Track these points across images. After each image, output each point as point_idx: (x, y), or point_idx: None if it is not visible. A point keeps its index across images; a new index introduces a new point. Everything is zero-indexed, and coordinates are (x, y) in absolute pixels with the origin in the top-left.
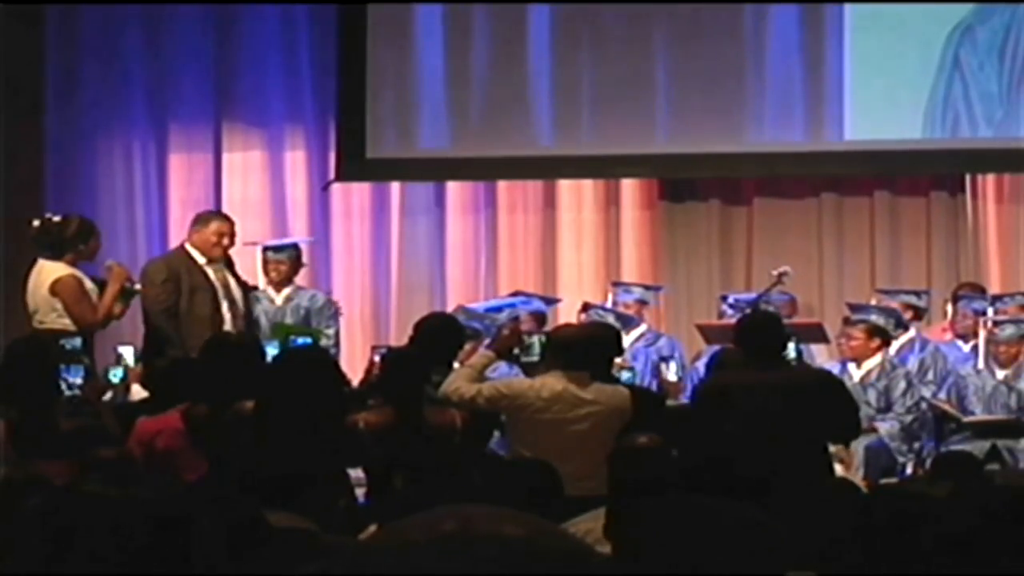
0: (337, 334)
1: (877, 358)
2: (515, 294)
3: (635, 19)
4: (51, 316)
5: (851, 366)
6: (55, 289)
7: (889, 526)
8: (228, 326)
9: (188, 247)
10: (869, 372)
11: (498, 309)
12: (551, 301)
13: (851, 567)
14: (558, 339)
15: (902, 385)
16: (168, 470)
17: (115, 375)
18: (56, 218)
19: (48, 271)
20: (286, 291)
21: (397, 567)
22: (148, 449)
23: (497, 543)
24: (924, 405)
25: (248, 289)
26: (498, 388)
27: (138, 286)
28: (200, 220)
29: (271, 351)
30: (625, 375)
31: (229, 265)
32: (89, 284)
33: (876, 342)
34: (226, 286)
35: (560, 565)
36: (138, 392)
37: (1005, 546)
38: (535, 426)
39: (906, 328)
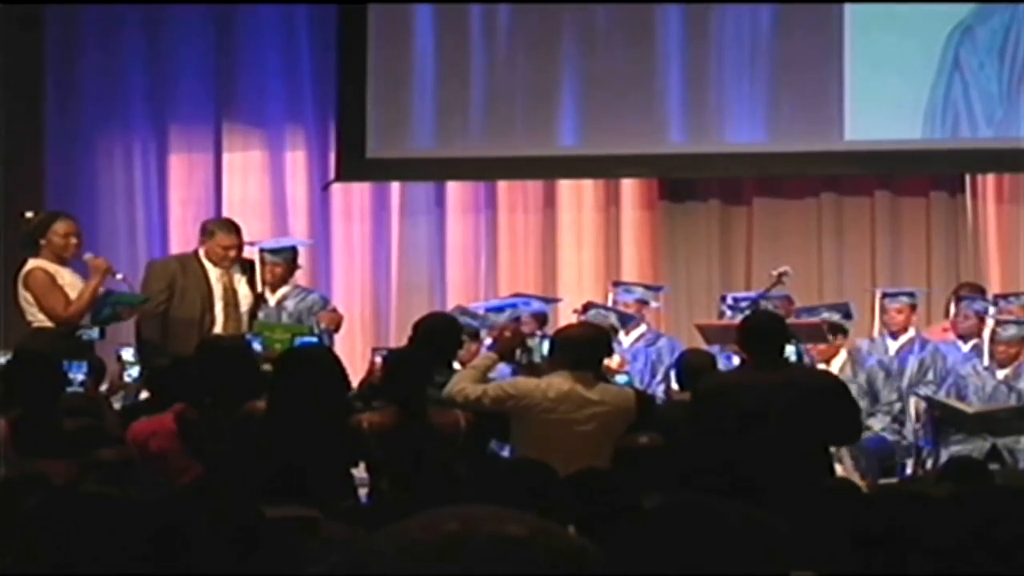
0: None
1: (843, 354)
2: (515, 296)
3: (636, 18)
4: (31, 311)
5: (821, 367)
6: (25, 283)
7: (889, 527)
8: (219, 328)
9: (200, 252)
10: (841, 369)
11: (498, 310)
12: (551, 301)
13: (851, 567)
14: (564, 339)
15: (882, 375)
16: (162, 472)
17: (129, 375)
18: (28, 215)
19: (24, 268)
20: (280, 292)
21: (399, 568)
22: (142, 451)
23: (500, 543)
24: (904, 392)
25: (260, 297)
26: (504, 388)
27: (121, 278)
28: (206, 232)
29: (255, 346)
30: (621, 379)
31: (249, 269)
32: (69, 278)
33: (839, 338)
34: (230, 290)
35: (563, 565)
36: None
37: (1005, 547)
38: (541, 426)
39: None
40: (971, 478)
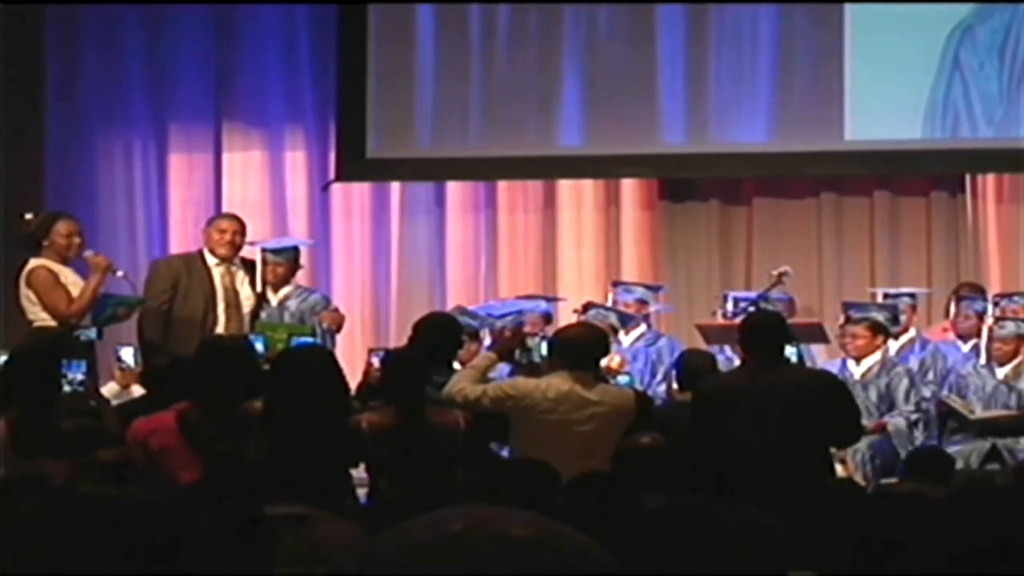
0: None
1: (877, 355)
2: (524, 297)
3: (636, 18)
4: (33, 310)
5: (851, 363)
6: (28, 282)
7: (889, 527)
8: (221, 329)
9: (204, 249)
10: (870, 369)
11: (504, 312)
12: (553, 300)
13: (851, 567)
14: (562, 340)
15: (905, 383)
16: (163, 470)
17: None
18: (27, 216)
19: (27, 267)
20: (282, 292)
21: (403, 568)
22: (143, 449)
23: (505, 544)
24: (925, 405)
25: (261, 297)
26: (503, 388)
27: (121, 275)
28: (208, 221)
29: (258, 346)
30: (622, 380)
31: (251, 270)
32: (72, 277)
33: (879, 339)
34: (231, 289)
35: (568, 566)
36: (138, 392)
37: (1004, 547)
38: (540, 426)
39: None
40: (937, 472)
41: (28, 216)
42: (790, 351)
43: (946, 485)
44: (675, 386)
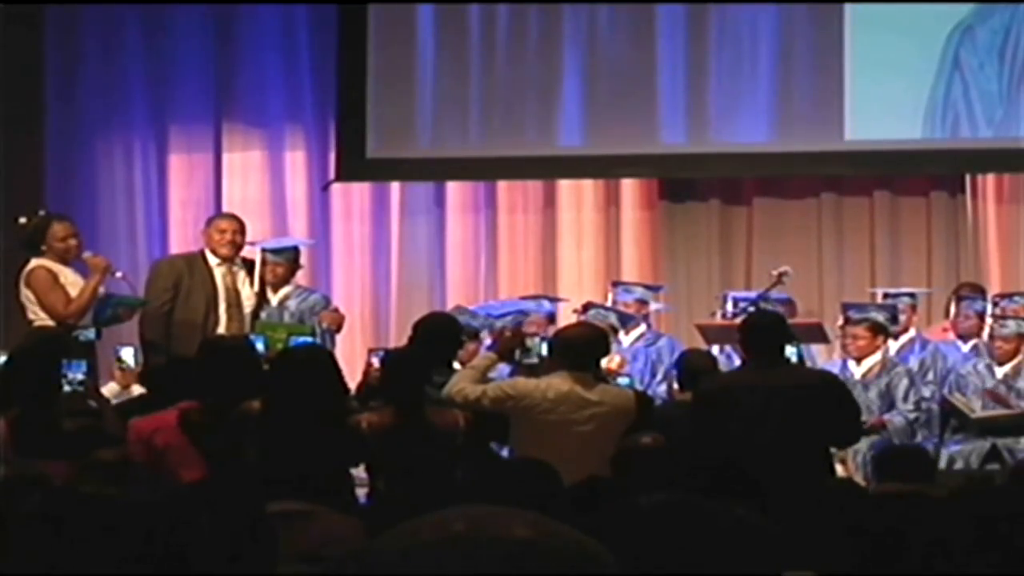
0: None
1: (877, 355)
2: (530, 298)
3: (636, 18)
4: (33, 310)
5: (851, 364)
6: (28, 282)
7: (889, 527)
8: (222, 329)
9: (205, 249)
10: (870, 369)
11: (504, 312)
12: (555, 300)
13: (851, 567)
14: (562, 340)
15: (905, 383)
16: (165, 468)
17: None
18: (21, 220)
19: (27, 267)
20: (282, 292)
21: (405, 567)
22: (145, 447)
23: (505, 544)
24: (924, 405)
25: (263, 297)
26: (503, 389)
27: (120, 276)
28: (207, 221)
29: (258, 346)
30: (623, 381)
31: (250, 270)
32: (72, 278)
33: (879, 339)
34: (233, 289)
35: (570, 566)
36: (138, 392)
37: (1002, 546)
38: (540, 427)
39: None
40: (914, 472)
41: (22, 220)
42: (790, 351)
43: (930, 482)
44: (675, 386)
